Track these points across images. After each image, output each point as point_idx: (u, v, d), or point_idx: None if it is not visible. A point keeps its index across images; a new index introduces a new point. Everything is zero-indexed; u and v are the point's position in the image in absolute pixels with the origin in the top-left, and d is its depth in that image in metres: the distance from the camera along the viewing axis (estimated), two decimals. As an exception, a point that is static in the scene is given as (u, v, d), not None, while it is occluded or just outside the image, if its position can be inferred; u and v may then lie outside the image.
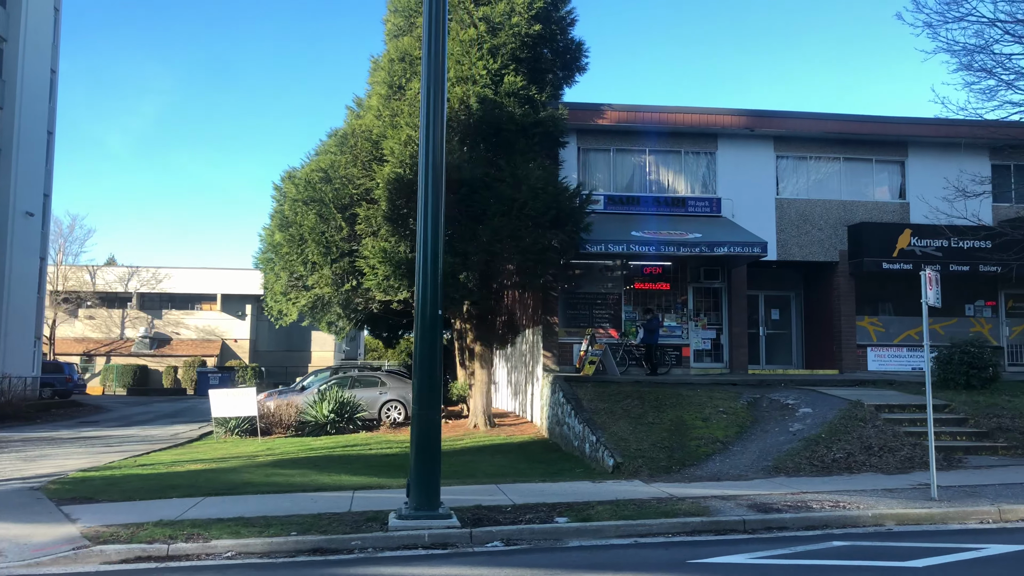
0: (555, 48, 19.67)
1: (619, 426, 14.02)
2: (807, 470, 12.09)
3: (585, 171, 20.52)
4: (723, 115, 20.46)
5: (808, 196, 21.00)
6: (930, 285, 10.22)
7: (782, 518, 8.88)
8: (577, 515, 8.95)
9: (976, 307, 21.50)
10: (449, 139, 16.83)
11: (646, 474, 11.95)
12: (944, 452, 13.37)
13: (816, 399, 15.91)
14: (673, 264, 20.56)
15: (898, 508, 9.21)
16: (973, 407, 15.20)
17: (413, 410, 9.04)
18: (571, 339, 19.95)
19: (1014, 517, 9.10)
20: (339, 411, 19.14)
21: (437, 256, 9.13)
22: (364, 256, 16.40)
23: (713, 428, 14.11)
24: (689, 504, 9.45)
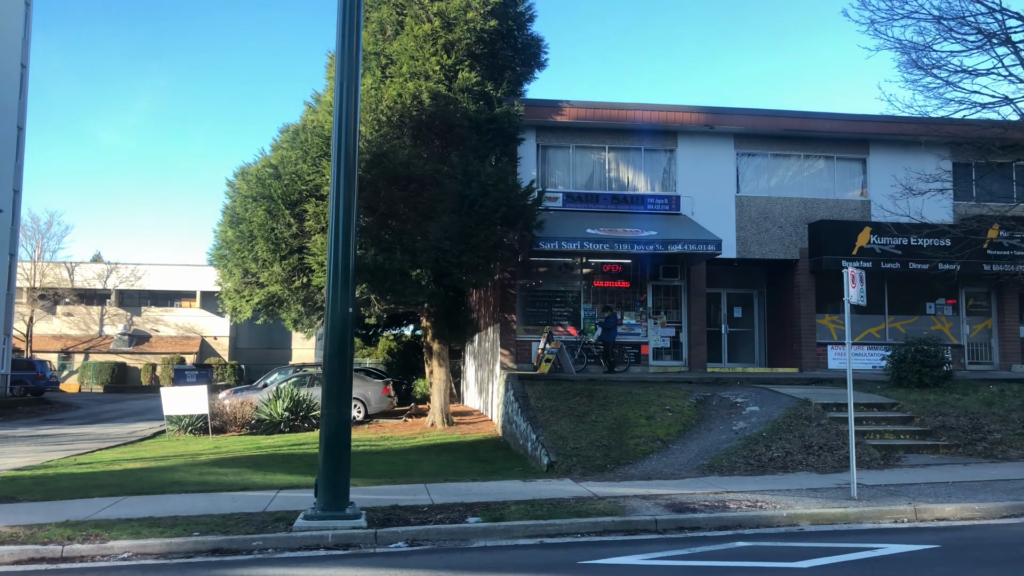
0: (513, 44, 19.59)
1: (561, 424, 13.93)
2: (742, 469, 12.02)
3: (544, 168, 20.41)
4: (683, 112, 20.35)
5: (769, 194, 20.93)
6: (853, 283, 10.14)
7: (695, 518, 8.80)
8: (490, 515, 8.85)
9: (937, 305, 21.47)
10: (400, 135, 16.75)
11: (579, 473, 11.87)
12: (885, 451, 13.34)
13: (766, 397, 15.85)
14: (633, 262, 20.47)
15: (815, 508, 9.13)
16: (921, 405, 15.17)
17: (322, 409, 8.93)
18: (530, 337, 19.84)
19: (929, 517, 9.04)
20: (294, 409, 19.02)
21: (348, 253, 9.01)
22: (312, 253, 16.27)
23: (656, 427, 14.04)
24: (606, 504, 9.37)
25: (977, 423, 14.25)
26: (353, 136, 9.17)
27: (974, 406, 15.26)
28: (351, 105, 9.15)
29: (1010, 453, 13.05)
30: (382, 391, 21.88)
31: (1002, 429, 13.98)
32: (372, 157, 15.92)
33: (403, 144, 16.58)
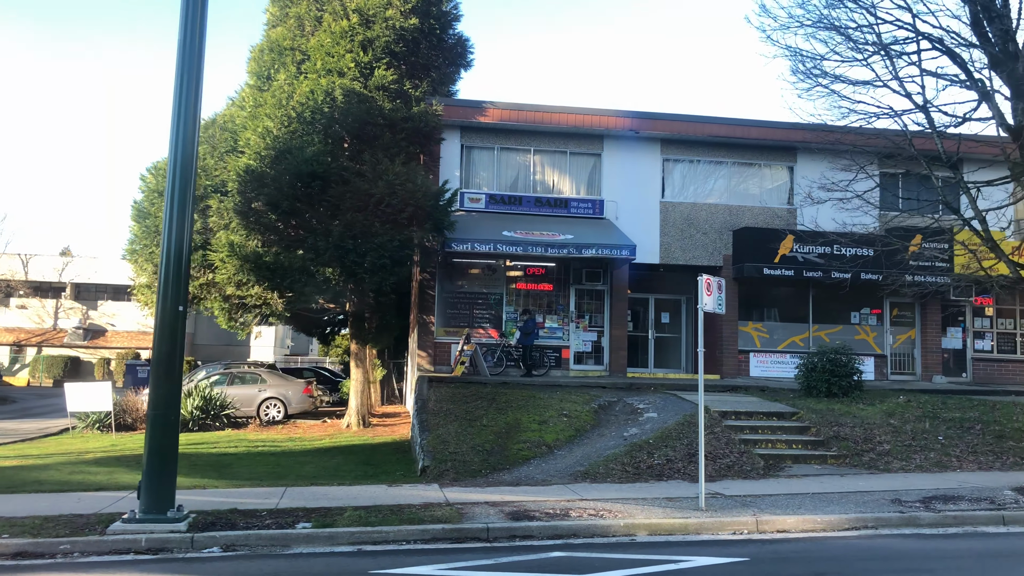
0: (437, 44, 19.43)
1: (449, 428, 13.76)
2: (617, 476, 11.90)
3: (469, 169, 20.24)
4: (609, 116, 20.26)
5: (695, 200, 20.88)
6: (708, 291, 10.03)
7: (529, 526, 8.65)
8: (322, 521, 8.67)
9: (862, 315, 21.49)
10: (308, 132, 16.53)
11: (450, 478, 11.70)
12: (771, 460, 13.27)
13: (670, 404, 15.77)
14: (557, 265, 20.34)
15: (656, 518, 9.01)
16: (821, 415, 15.11)
17: (148, 411, 8.71)
18: (450, 339, 19.65)
19: (770, 528, 8.94)
20: (204, 408, 18.72)
21: (182, 250, 8.79)
22: (215, 249, 16.03)
23: (547, 432, 13.90)
24: (448, 511, 9.20)
25: (870, 434, 14.22)
26: (192, 133, 8.92)
27: (875, 416, 15.24)
28: (191, 95, 8.90)
29: (892, 464, 13.01)
30: (303, 391, 21.62)
31: (892, 440, 13.95)
32: (276, 153, 15.72)
33: (312, 141, 16.36)
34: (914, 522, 9.18)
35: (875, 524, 9.12)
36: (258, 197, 15.64)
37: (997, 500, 10.06)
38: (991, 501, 9.98)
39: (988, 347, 21.88)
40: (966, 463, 13.12)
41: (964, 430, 14.70)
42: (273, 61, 17.87)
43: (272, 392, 21.21)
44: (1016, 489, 10.65)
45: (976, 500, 10.04)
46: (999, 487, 10.88)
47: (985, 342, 21.92)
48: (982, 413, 15.68)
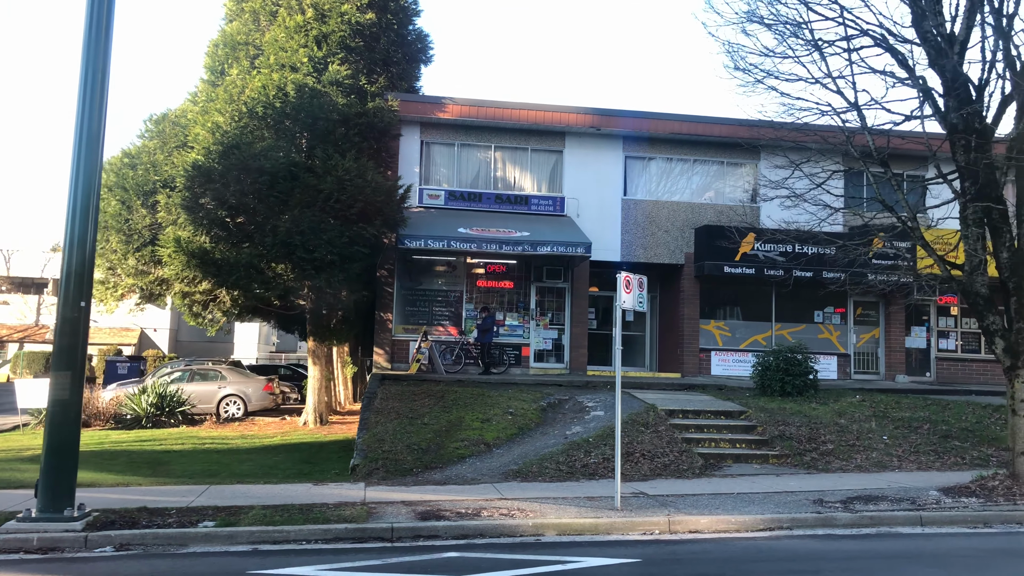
0: (395, 39, 19.30)
1: (388, 426, 13.65)
2: (550, 475, 11.79)
3: (429, 165, 20.12)
4: (570, 113, 20.15)
5: (657, 197, 20.77)
6: (627, 288, 9.91)
7: (435, 526, 8.54)
8: (227, 520, 8.56)
9: (825, 314, 21.39)
10: (259, 127, 16.40)
11: (379, 477, 11.59)
12: (712, 459, 13.17)
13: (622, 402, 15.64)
14: (518, 263, 20.22)
15: (568, 518, 8.90)
16: (769, 414, 15.00)
17: (48, 407, 8.58)
18: (409, 336, 19.54)
19: (682, 529, 8.83)
20: (159, 404, 18.61)
21: (85, 242, 8.65)
22: (163, 245, 15.91)
23: (488, 430, 13.79)
24: (357, 510, 9.09)
25: (815, 433, 14.11)
26: (98, 127, 8.76)
27: (825, 416, 15.13)
28: (97, 85, 8.74)
29: (833, 464, 12.90)
30: (264, 388, 21.52)
31: (836, 440, 13.84)
32: (224, 148, 15.59)
33: (262, 136, 16.24)
34: (830, 522, 9.08)
35: (790, 524, 9.01)
36: (205, 193, 15.52)
37: (920, 500, 9.95)
38: (913, 501, 9.87)
39: (952, 346, 21.80)
40: (906, 463, 13.01)
41: (911, 430, 14.60)
42: (227, 56, 17.74)
43: (232, 389, 21.10)
44: (942, 490, 10.55)
45: (898, 500, 9.93)
46: (927, 487, 10.77)
47: (949, 341, 21.83)
48: (932, 413, 15.60)
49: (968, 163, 10.79)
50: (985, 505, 9.75)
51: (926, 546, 8.15)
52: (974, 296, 10.87)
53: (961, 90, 10.91)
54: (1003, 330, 10.74)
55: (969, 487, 10.49)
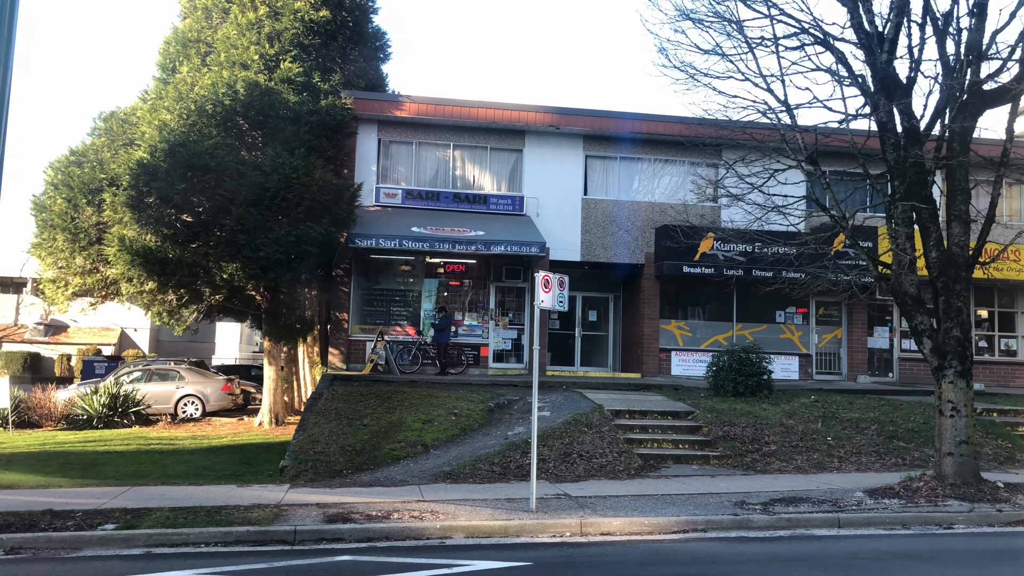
0: (351, 37, 19.16)
1: (326, 427, 13.51)
2: (481, 476, 11.67)
3: (387, 163, 19.98)
4: (530, 112, 20.03)
5: (618, 197, 20.65)
6: (546, 287, 9.79)
7: (340, 529, 8.42)
8: (129, 523, 8.44)
9: (787, 314, 21.29)
10: (207, 125, 16.27)
11: (307, 479, 11.46)
12: (652, 460, 13.07)
13: (569, 403, 15.57)
14: (477, 262, 20.11)
15: (479, 520, 8.79)
16: (718, 415, 14.88)
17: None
18: (367, 336, 19.39)
19: (594, 531, 8.72)
20: (111, 405, 18.45)
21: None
22: (108, 244, 15.77)
23: (429, 431, 13.66)
24: (266, 512, 8.97)
25: (760, 434, 14.00)
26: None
27: (775, 416, 15.03)
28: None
29: (772, 466, 12.80)
30: (223, 388, 21.37)
31: (780, 441, 13.74)
32: (170, 146, 15.44)
33: (211, 134, 16.09)
34: (745, 525, 8.97)
35: (705, 527, 8.90)
36: (151, 191, 15.37)
37: (843, 502, 9.86)
38: (834, 503, 9.77)
39: (915, 347, 21.68)
40: (846, 464, 12.92)
41: (858, 431, 14.51)
42: (178, 53, 17.60)
43: (190, 389, 20.96)
44: (868, 491, 10.45)
45: (821, 502, 9.83)
46: (855, 489, 10.68)
47: (912, 342, 21.71)
48: (882, 414, 15.51)
49: (897, 162, 10.71)
50: (905, 507, 9.65)
51: (831, 548, 8.05)
52: (903, 296, 10.78)
53: (890, 89, 10.81)
54: (931, 330, 10.65)
55: (893, 488, 10.40)
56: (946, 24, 10.82)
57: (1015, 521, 9.31)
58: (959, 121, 10.60)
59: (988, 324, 22.17)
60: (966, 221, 10.67)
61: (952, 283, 10.52)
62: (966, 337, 10.51)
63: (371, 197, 19.34)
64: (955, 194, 10.67)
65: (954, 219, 10.66)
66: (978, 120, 10.79)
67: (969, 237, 10.74)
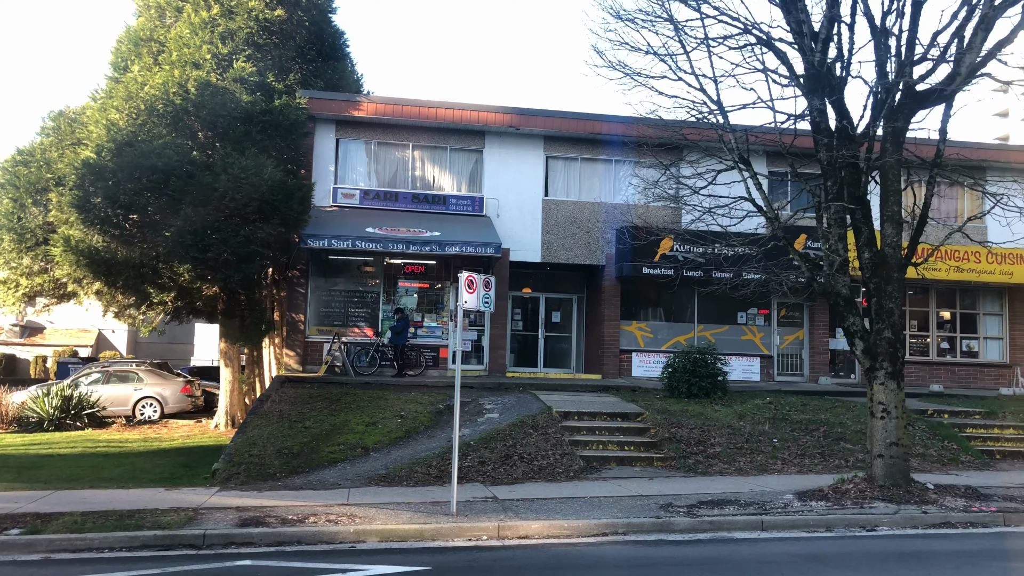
0: (308, 36, 19.02)
1: (267, 429, 13.38)
2: (417, 479, 11.56)
3: (345, 164, 19.85)
4: (490, 112, 19.93)
5: (579, 198, 20.57)
6: (469, 288, 9.70)
7: (250, 533, 8.30)
8: (35, 527, 8.31)
9: (749, 315, 21.26)
10: (158, 124, 16.10)
11: (239, 482, 11.32)
12: (596, 462, 12.99)
13: (521, 404, 15.50)
14: (436, 263, 20.00)
15: (395, 524, 8.68)
16: (667, 416, 14.82)
17: None
18: (324, 337, 19.25)
19: (511, 534, 8.62)
20: (64, 407, 18.24)
21: None
22: (54, 245, 15.59)
23: (372, 434, 13.55)
24: (179, 516, 8.83)
25: (706, 436, 13.94)
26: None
27: (726, 418, 14.98)
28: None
29: (713, 467, 12.73)
30: (182, 390, 21.18)
31: (726, 443, 13.69)
32: (117, 146, 15.28)
33: (160, 134, 15.93)
34: (667, 528, 8.89)
35: (626, 530, 8.82)
36: (97, 191, 15.19)
37: (770, 505, 9.79)
38: (762, 506, 9.71)
39: (877, 348, 21.69)
40: (789, 466, 12.87)
41: (806, 432, 14.49)
42: (130, 52, 17.43)
43: (149, 391, 20.77)
44: (799, 493, 10.38)
45: (748, 505, 9.77)
46: (787, 491, 10.61)
47: (875, 343, 21.72)
48: (833, 415, 15.48)
49: (829, 162, 10.67)
50: (831, 509, 9.59)
51: (742, 551, 7.97)
52: (835, 297, 10.73)
53: (823, 89, 10.78)
54: (863, 331, 10.61)
55: (823, 491, 10.34)
56: (883, 25, 10.79)
57: (939, 523, 9.26)
58: (891, 122, 10.56)
59: (950, 326, 22.21)
60: (898, 222, 10.63)
61: (884, 284, 10.48)
62: (898, 338, 10.46)
63: (328, 197, 19.21)
64: (888, 195, 10.64)
65: (887, 220, 10.62)
66: (910, 121, 10.75)
67: (901, 238, 10.70)
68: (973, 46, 10.07)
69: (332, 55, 19.94)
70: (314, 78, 19.50)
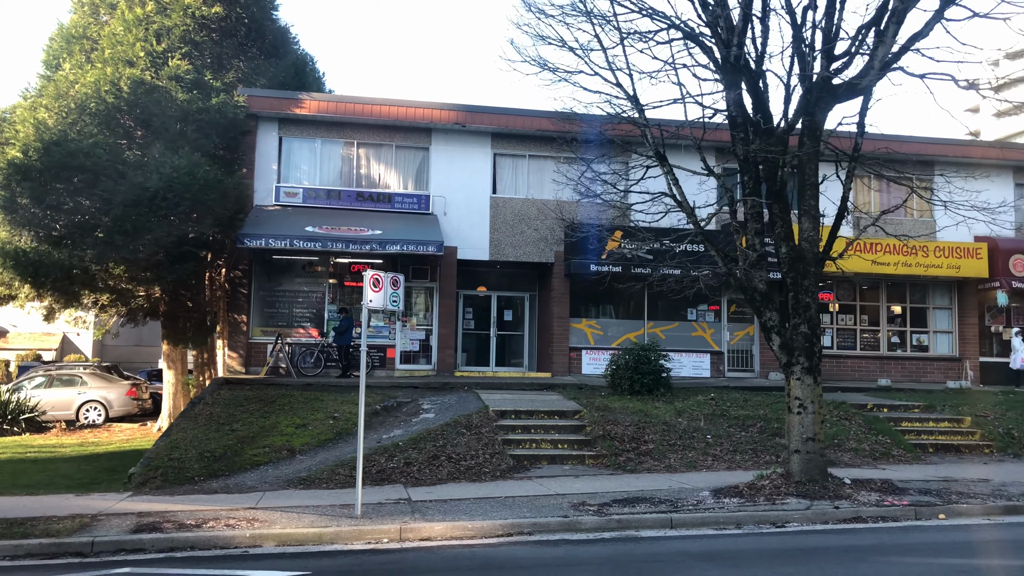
0: (249, 33, 18.77)
1: (192, 432, 13.15)
2: (337, 482, 11.37)
3: (288, 162, 19.58)
4: (436, 109, 19.77)
5: (527, 195, 20.45)
6: (374, 287, 9.55)
7: (142, 539, 8.11)
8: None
9: (699, 311, 21.24)
10: (88, 123, 15.81)
11: (153, 486, 11.11)
12: (526, 461, 12.89)
13: (461, 404, 15.36)
14: (383, 262, 19.79)
15: (295, 527, 8.52)
16: (605, 414, 14.73)
17: None
18: (268, 339, 18.99)
19: (413, 537, 8.48)
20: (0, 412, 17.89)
21: None
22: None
23: (300, 436, 13.35)
24: (69, 523, 8.63)
25: (641, 433, 13.86)
26: None
27: (664, 415, 14.92)
28: None
29: (643, 465, 12.65)
30: (127, 393, 20.85)
31: (659, 440, 13.62)
32: (44, 145, 14.95)
33: (92, 133, 15.64)
34: (573, 527, 8.78)
35: (531, 529, 8.70)
36: (24, 192, 14.88)
37: (683, 502, 9.71)
38: (674, 503, 9.63)
39: (828, 343, 21.76)
40: (719, 462, 12.83)
41: (742, 428, 14.47)
42: (62, 50, 17.12)
43: (93, 394, 20.43)
44: (716, 490, 10.33)
45: (661, 502, 9.69)
46: (705, 488, 10.55)
47: (826, 338, 21.79)
48: (772, 411, 15.44)
49: (746, 156, 10.61)
50: (743, 505, 9.54)
51: (640, 550, 7.87)
52: (751, 292, 10.68)
53: (740, 82, 10.72)
54: (779, 327, 10.56)
55: (738, 487, 10.29)
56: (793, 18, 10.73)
57: (850, 518, 9.22)
58: (808, 115, 10.52)
59: (901, 320, 22.32)
60: (815, 216, 10.59)
61: (801, 279, 10.44)
62: (814, 333, 10.43)
63: (271, 196, 18.96)
64: (805, 188, 10.60)
65: (804, 214, 10.58)
66: (827, 115, 10.72)
67: (819, 232, 10.67)
68: (885, 39, 10.04)
69: (276, 52, 19.68)
70: (256, 76, 19.22)
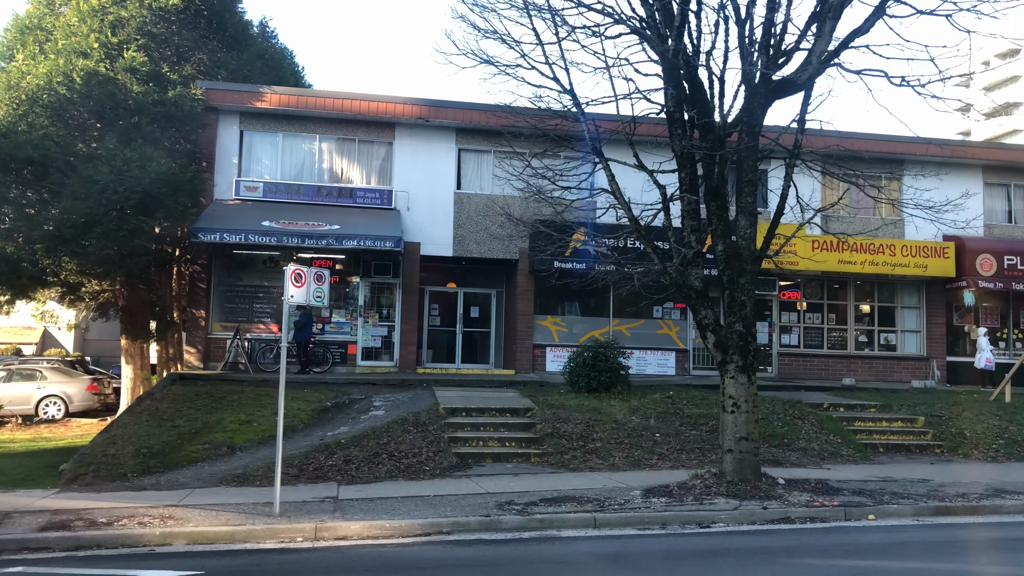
0: (210, 25, 18.57)
1: (132, 428, 13.00)
2: (271, 480, 11.21)
3: (249, 156, 19.41)
4: (400, 103, 19.62)
5: (492, 191, 20.30)
6: (296, 282, 9.41)
7: (47, 538, 7.97)
8: None
9: (665, 309, 21.12)
10: (39, 115, 15.63)
11: (84, 483, 10.96)
12: (470, 459, 12.76)
13: (414, 400, 15.28)
14: (347, 257, 19.65)
15: (207, 526, 8.38)
16: (557, 411, 14.61)
17: None
18: (227, 334, 18.83)
19: (329, 535, 8.35)
20: (-48, 407, 17.72)
21: None
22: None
23: (243, 432, 13.21)
24: (-18, 521, 8.48)
25: (590, 431, 13.75)
26: None
27: (618, 413, 14.80)
28: None
29: (587, 463, 12.53)
30: (88, 388, 20.68)
31: (607, 438, 13.50)
32: (-9, 137, 14.77)
33: (41, 124, 15.46)
34: (494, 527, 8.67)
35: (450, 529, 8.58)
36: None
37: (611, 501, 9.60)
38: (601, 503, 9.51)
39: (795, 341, 21.69)
40: (664, 461, 12.72)
41: (693, 426, 14.36)
42: (15, 40, 16.93)
43: (53, 389, 20.27)
44: (646, 490, 10.21)
45: (588, 501, 9.57)
46: (639, 487, 10.44)
47: (792, 336, 21.72)
48: (726, 409, 15.33)
49: (683, 152, 10.49)
50: (670, 505, 9.43)
51: (551, 550, 7.77)
52: (687, 290, 10.57)
53: (676, 78, 10.59)
54: (714, 325, 10.45)
55: (669, 487, 10.18)
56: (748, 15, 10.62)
57: (778, 519, 9.12)
58: (747, 111, 10.40)
59: (869, 319, 22.23)
60: (752, 213, 10.48)
61: (737, 276, 10.32)
62: (749, 332, 10.32)
63: (231, 191, 18.80)
64: (743, 185, 10.48)
65: (741, 211, 10.47)
66: (766, 111, 10.59)
67: (755, 230, 10.55)
68: (823, 35, 9.92)
69: (238, 45, 19.49)
70: (219, 68, 19.04)
